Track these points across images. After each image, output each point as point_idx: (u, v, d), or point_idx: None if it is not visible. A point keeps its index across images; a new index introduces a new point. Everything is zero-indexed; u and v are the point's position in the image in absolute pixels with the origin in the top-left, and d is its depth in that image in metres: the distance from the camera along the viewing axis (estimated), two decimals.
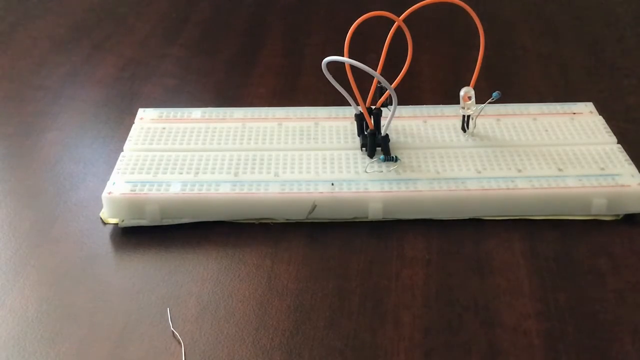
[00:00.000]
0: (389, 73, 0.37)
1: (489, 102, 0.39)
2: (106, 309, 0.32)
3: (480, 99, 0.40)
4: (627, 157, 0.38)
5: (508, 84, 0.49)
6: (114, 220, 0.37)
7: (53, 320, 0.31)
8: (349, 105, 0.39)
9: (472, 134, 0.40)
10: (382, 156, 0.38)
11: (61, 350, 0.30)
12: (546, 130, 0.41)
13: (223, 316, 0.31)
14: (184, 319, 0.31)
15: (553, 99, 0.45)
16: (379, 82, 0.38)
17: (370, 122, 0.38)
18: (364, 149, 0.39)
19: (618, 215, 0.37)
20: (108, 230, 0.37)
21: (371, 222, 0.37)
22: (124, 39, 0.58)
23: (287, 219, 0.37)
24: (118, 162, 0.39)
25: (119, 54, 0.55)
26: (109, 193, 0.36)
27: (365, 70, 0.35)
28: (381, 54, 0.38)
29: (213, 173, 0.38)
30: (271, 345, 0.30)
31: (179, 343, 0.30)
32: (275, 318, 0.31)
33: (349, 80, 0.37)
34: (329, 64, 0.36)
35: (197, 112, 0.43)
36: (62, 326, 0.31)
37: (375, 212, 0.36)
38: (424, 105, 0.44)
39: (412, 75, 0.49)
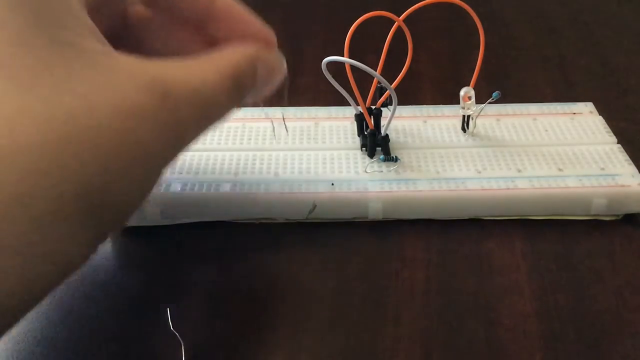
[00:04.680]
0: (389, 73, 0.37)
1: (489, 102, 0.39)
2: (106, 309, 0.32)
3: (480, 99, 0.40)
4: (627, 157, 0.38)
5: (508, 84, 0.49)
6: None
7: (53, 321, 0.31)
8: (349, 105, 0.39)
9: (472, 134, 0.40)
10: (382, 156, 0.38)
11: (61, 350, 0.30)
12: (546, 130, 0.41)
13: (223, 316, 0.31)
14: (184, 319, 0.31)
15: (553, 99, 0.45)
16: (379, 82, 0.38)
17: (370, 122, 0.38)
18: (364, 149, 0.39)
19: (618, 215, 0.37)
20: None
21: (371, 222, 0.37)
22: None
23: (287, 219, 0.37)
24: None
25: None
26: None
27: (365, 70, 0.35)
28: (381, 54, 0.38)
29: (213, 173, 0.38)
30: (271, 345, 0.30)
31: (179, 343, 0.30)
32: (275, 318, 0.31)
33: (349, 80, 0.37)
34: (329, 64, 0.36)
35: None
36: (62, 326, 0.31)
37: (375, 212, 0.36)
38: (424, 105, 0.44)
39: (412, 75, 0.49)
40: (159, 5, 0.31)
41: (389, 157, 0.38)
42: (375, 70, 0.36)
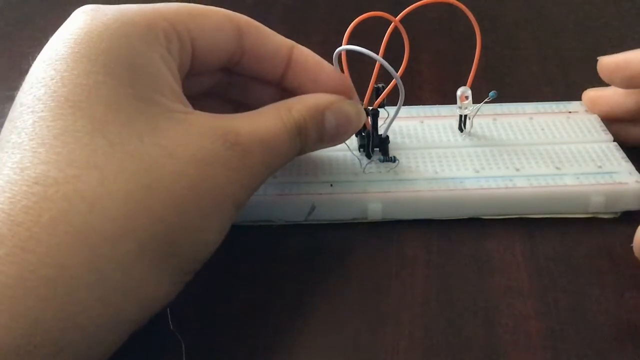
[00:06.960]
0: (387, 73, 0.37)
1: (485, 102, 0.39)
2: None
3: (480, 99, 0.39)
4: (624, 155, 0.38)
5: (508, 84, 0.49)
6: None
7: None
8: None
9: (469, 134, 0.40)
10: (380, 157, 0.38)
11: None
12: (542, 129, 0.41)
13: (223, 316, 0.32)
14: (184, 319, 0.31)
15: (553, 98, 0.44)
16: (375, 83, 0.38)
17: (368, 123, 0.38)
18: (361, 149, 0.39)
19: (616, 213, 0.37)
20: None
21: (370, 222, 0.37)
22: None
23: (286, 221, 0.37)
24: None
25: None
26: None
27: (385, 66, 0.35)
28: (378, 54, 0.38)
29: None
30: (271, 346, 0.30)
31: (179, 343, 0.30)
32: (275, 318, 0.31)
33: None
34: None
35: None
36: None
37: (374, 213, 0.36)
38: (420, 106, 0.44)
39: (412, 75, 0.49)
40: (241, 70, 0.35)
41: (388, 158, 0.38)
42: (373, 71, 0.36)
